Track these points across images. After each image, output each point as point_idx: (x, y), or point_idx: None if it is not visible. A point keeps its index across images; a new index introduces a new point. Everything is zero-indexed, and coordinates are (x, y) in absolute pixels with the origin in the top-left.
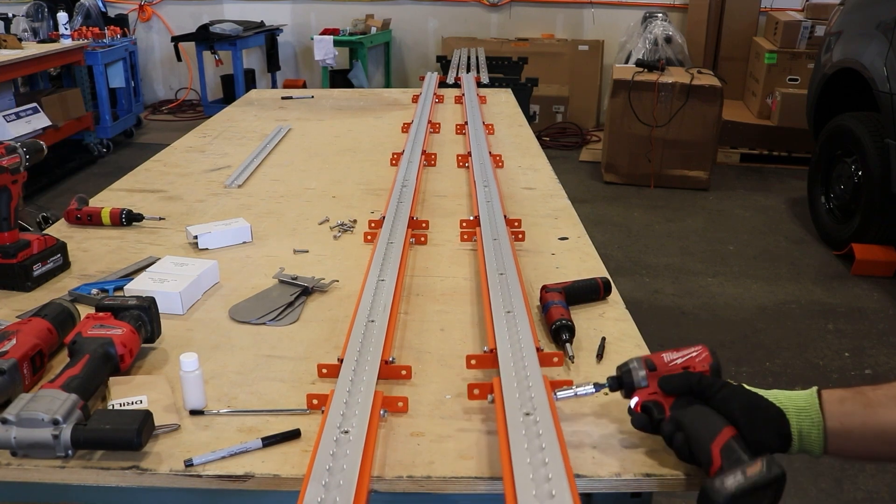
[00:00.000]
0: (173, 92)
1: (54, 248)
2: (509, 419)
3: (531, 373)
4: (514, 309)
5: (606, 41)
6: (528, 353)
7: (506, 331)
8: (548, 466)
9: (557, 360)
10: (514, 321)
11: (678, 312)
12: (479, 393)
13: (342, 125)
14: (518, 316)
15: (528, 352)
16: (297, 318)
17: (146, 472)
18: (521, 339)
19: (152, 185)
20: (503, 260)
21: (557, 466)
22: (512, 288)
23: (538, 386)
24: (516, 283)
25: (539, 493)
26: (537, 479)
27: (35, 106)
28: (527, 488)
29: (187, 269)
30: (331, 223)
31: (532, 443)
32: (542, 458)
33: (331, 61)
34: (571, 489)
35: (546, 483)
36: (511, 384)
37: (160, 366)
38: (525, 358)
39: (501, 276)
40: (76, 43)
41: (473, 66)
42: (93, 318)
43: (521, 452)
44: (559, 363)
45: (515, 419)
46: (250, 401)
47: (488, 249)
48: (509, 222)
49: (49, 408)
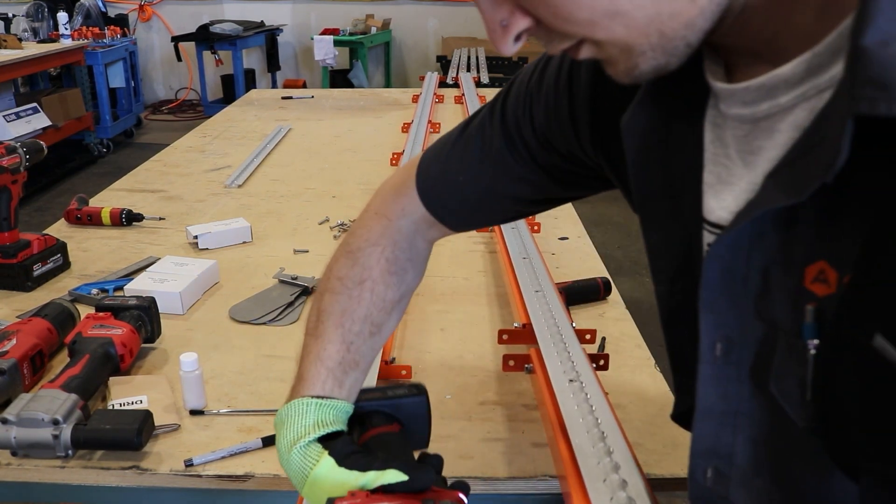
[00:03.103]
0: (173, 92)
1: (54, 248)
2: (556, 385)
3: (569, 343)
4: (543, 288)
5: None
6: (563, 327)
7: (538, 307)
8: (603, 430)
9: (590, 336)
10: (545, 299)
11: None
12: (515, 364)
13: (342, 125)
14: (548, 295)
15: (563, 326)
16: (297, 318)
17: (146, 472)
18: (554, 316)
19: (152, 184)
20: (524, 245)
21: (612, 429)
22: (538, 270)
23: (579, 356)
24: (541, 266)
25: (601, 461)
26: (594, 440)
27: (35, 106)
28: (588, 456)
29: (187, 269)
30: (331, 223)
31: (582, 406)
32: (593, 419)
33: (331, 61)
34: (630, 451)
35: (601, 442)
36: (552, 353)
37: (160, 366)
38: (561, 330)
39: (525, 259)
40: (76, 43)
41: (473, 65)
42: (93, 317)
43: (573, 415)
44: (591, 340)
45: (562, 384)
46: (250, 401)
47: (508, 235)
48: None
49: (49, 408)
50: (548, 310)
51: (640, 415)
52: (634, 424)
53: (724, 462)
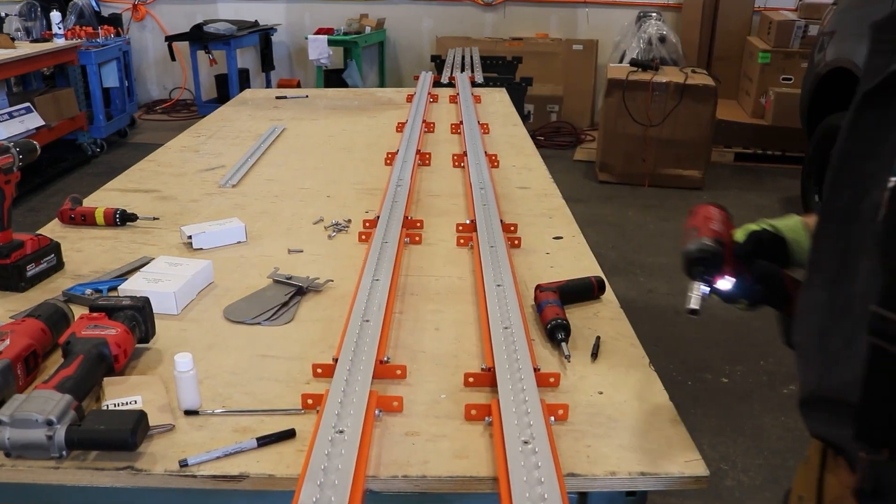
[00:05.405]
0: (167, 91)
1: (48, 249)
2: (509, 450)
3: (529, 397)
4: (512, 324)
5: (601, 41)
6: (526, 375)
7: (504, 349)
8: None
9: (554, 380)
10: (512, 338)
11: (672, 311)
12: (477, 414)
13: (336, 125)
14: (516, 332)
15: (526, 373)
16: (291, 318)
17: (141, 473)
18: (518, 359)
19: (146, 184)
20: (500, 270)
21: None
22: (510, 301)
23: (536, 412)
24: (513, 295)
25: None
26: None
27: (28, 106)
28: None
29: (181, 269)
30: (325, 223)
31: (531, 475)
32: (540, 492)
33: (325, 61)
34: None
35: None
36: (510, 409)
37: (154, 366)
38: (523, 380)
39: (499, 287)
40: (69, 42)
41: (468, 65)
42: (87, 318)
43: (520, 486)
44: (555, 383)
45: (514, 449)
46: (245, 401)
47: (485, 258)
48: (505, 227)
49: (43, 408)
50: (514, 351)
51: (636, 413)
52: (630, 423)
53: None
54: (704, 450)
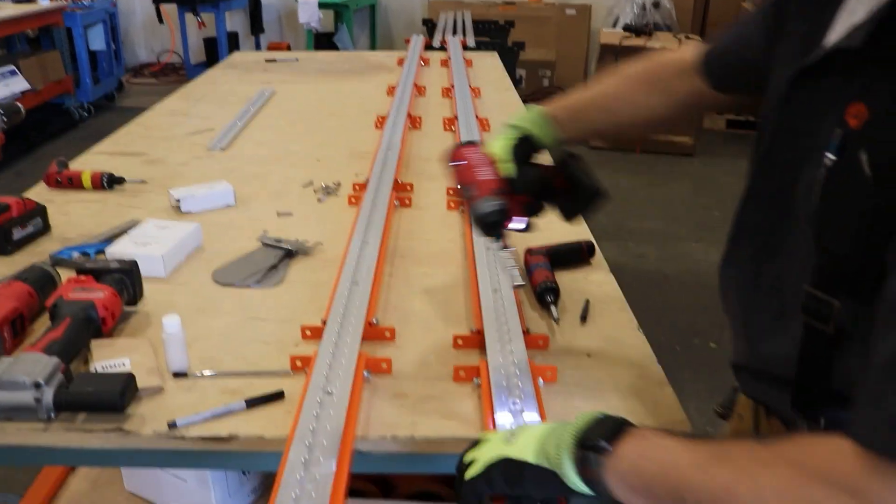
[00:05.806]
0: (155, 55)
1: (34, 212)
2: (497, 411)
3: (518, 359)
4: (502, 287)
5: (594, 5)
6: (515, 337)
7: (493, 311)
8: None
9: (543, 342)
10: (502, 301)
11: (661, 277)
12: (465, 375)
13: (327, 88)
14: (505, 296)
15: (514, 335)
16: (280, 281)
17: (129, 434)
18: (508, 321)
19: (134, 148)
20: None
21: None
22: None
23: (525, 374)
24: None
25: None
26: None
27: (13, 68)
28: None
29: (170, 232)
30: (315, 186)
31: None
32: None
33: (315, 24)
34: None
35: None
36: (498, 371)
37: (143, 329)
38: (512, 342)
39: (488, 250)
40: (54, 4)
41: (460, 29)
42: (74, 281)
43: None
44: (544, 346)
45: (503, 410)
46: (234, 363)
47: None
48: None
49: (31, 371)
50: (503, 313)
51: (624, 376)
52: (620, 387)
53: None
54: (691, 413)
